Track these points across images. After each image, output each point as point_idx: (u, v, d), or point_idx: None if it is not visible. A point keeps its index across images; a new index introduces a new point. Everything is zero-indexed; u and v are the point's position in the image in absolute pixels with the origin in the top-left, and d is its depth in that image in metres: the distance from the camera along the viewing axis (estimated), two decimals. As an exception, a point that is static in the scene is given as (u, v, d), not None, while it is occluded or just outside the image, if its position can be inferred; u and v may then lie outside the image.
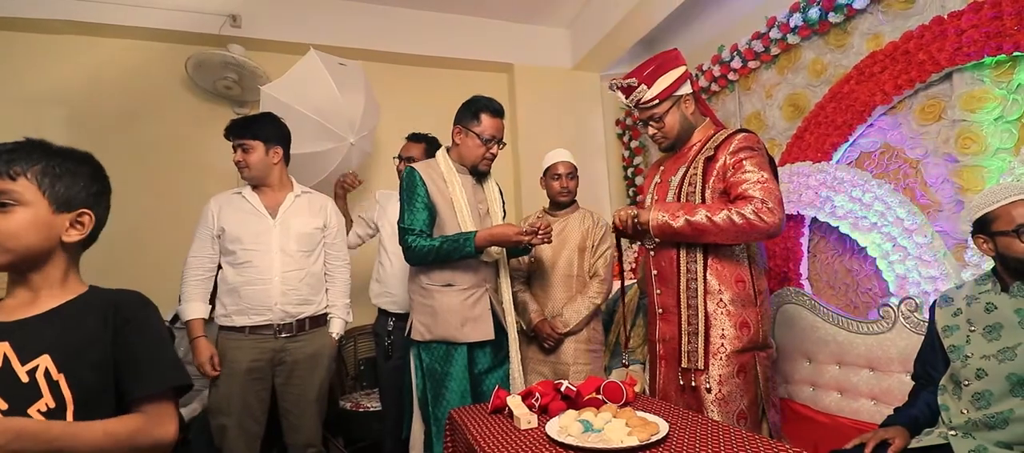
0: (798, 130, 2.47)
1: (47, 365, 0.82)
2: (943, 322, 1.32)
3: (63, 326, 0.87)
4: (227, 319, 1.85)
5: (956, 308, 1.32)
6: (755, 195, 1.43)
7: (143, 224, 2.80)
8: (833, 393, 1.94)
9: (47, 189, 0.89)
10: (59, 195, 0.91)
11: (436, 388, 1.73)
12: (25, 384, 0.80)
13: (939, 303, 1.37)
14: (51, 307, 0.89)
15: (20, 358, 0.82)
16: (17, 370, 0.81)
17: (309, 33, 3.06)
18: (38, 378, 0.81)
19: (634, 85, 1.61)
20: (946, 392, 1.23)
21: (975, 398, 1.16)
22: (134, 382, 0.88)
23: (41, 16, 2.63)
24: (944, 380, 1.24)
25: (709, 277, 1.52)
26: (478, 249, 1.73)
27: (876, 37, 2.19)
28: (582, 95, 3.82)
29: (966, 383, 1.18)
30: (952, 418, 1.17)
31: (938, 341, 1.31)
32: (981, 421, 1.14)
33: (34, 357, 0.82)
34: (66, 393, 0.82)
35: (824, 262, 2.38)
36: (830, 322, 2.00)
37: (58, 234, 0.91)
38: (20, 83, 2.67)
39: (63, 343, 0.84)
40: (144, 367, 0.89)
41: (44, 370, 0.82)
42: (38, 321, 0.87)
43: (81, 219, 0.94)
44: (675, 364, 1.56)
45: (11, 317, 0.86)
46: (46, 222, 0.89)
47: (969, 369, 1.20)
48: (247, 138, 1.91)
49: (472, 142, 1.82)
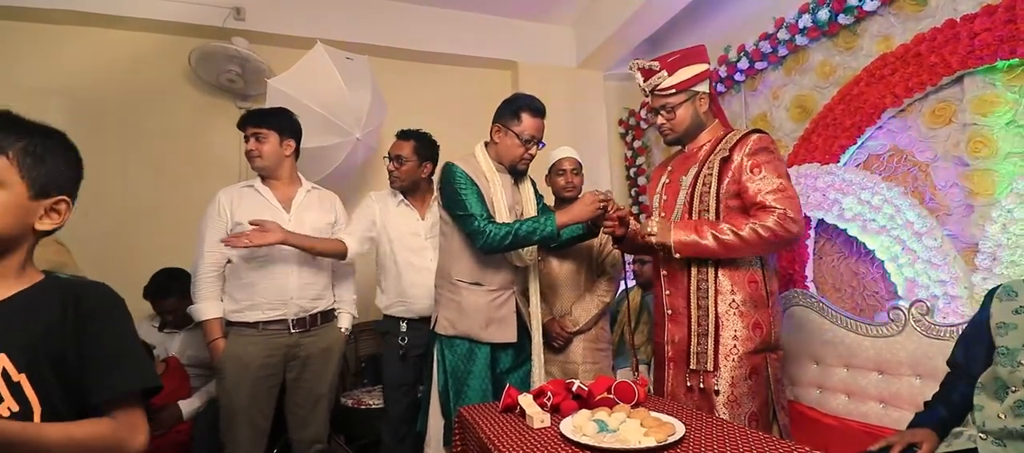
0: (805, 132, 2.47)
1: (5, 365, 0.73)
2: (1000, 317, 1.20)
3: (16, 319, 0.77)
4: (239, 315, 1.83)
5: (1018, 305, 1.19)
6: (776, 205, 1.42)
7: (144, 216, 2.78)
8: (841, 396, 1.93)
9: (27, 172, 0.80)
10: (39, 179, 0.81)
11: (457, 385, 1.72)
12: None
13: (999, 294, 1.23)
14: (2, 299, 0.79)
15: None
16: None
17: (313, 27, 3.04)
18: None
19: (656, 69, 1.59)
20: (984, 391, 1.16)
21: (1017, 405, 1.09)
22: (100, 382, 0.79)
23: (45, 6, 2.60)
24: (984, 378, 1.17)
25: (721, 278, 1.51)
26: (560, 229, 1.68)
27: (886, 39, 2.18)
28: (586, 94, 3.81)
29: (1013, 390, 1.11)
30: (986, 421, 1.12)
31: (988, 333, 1.21)
32: (1018, 431, 1.07)
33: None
34: (31, 396, 0.74)
35: (830, 264, 2.37)
36: (838, 324, 1.99)
37: (32, 222, 0.82)
38: (23, 73, 2.64)
39: (20, 340, 0.75)
40: (111, 366, 0.80)
41: (1, 370, 0.72)
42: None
43: (57, 207, 0.84)
44: (684, 365, 1.55)
45: None
46: (22, 207, 0.79)
47: (1017, 377, 1.11)
48: (263, 127, 1.89)
49: (512, 142, 1.78)
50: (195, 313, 1.85)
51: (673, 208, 1.63)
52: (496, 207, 1.75)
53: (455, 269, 1.77)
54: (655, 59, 1.62)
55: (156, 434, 2.13)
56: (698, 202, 1.55)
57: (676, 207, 1.62)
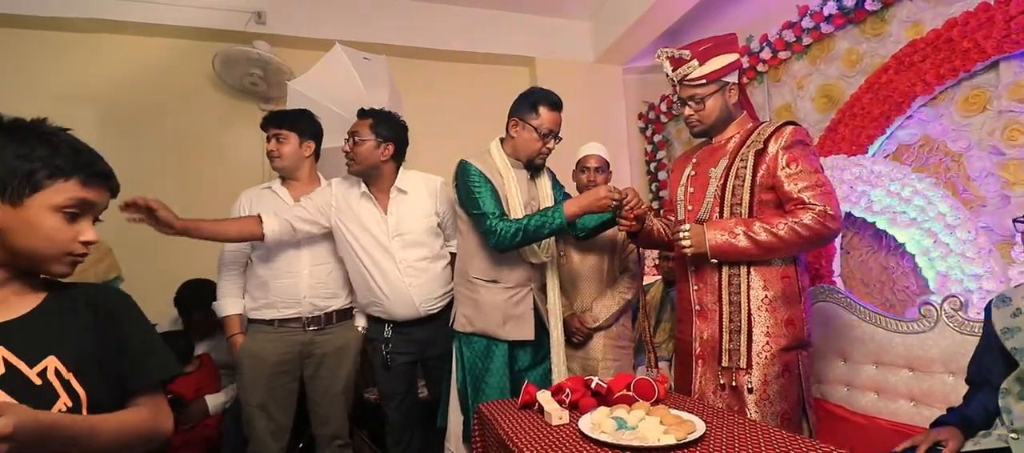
0: (832, 122, 2.40)
1: (56, 365, 0.80)
2: (1002, 324, 1.25)
3: (55, 324, 0.84)
4: (257, 312, 1.87)
5: (1015, 308, 1.25)
6: (814, 202, 1.38)
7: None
8: (869, 394, 1.88)
9: None
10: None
11: (475, 382, 1.73)
12: (39, 387, 0.78)
13: (995, 304, 1.30)
14: (35, 305, 0.84)
15: (27, 361, 0.78)
16: (28, 374, 0.78)
17: (332, 29, 3.07)
18: (50, 379, 0.79)
19: (686, 57, 1.54)
20: (1010, 395, 1.16)
21: None
22: (136, 374, 0.88)
23: (73, 14, 2.68)
24: (1007, 383, 1.18)
25: (753, 274, 1.47)
26: (569, 220, 1.65)
27: (916, 25, 2.11)
28: (604, 88, 3.77)
29: None
30: (1014, 421, 1.11)
31: (997, 343, 1.25)
32: None
33: (40, 359, 0.79)
34: (79, 391, 0.81)
35: (858, 259, 2.31)
36: (867, 321, 1.94)
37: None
38: (53, 80, 2.73)
39: (64, 342, 0.82)
40: (142, 359, 0.89)
41: (54, 370, 0.80)
42: (30, 321, 0.82)
43: None
44: (714, 363, 1.52)
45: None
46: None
47: None
48: (284, 128, 1.92)
49: (529, 135, 1.76)
50: (217, 309, 1.90)
51: (701, 201, 1.59)
52: (511, 204, 1.74)
53: (472, 267, 1.77)
54: (685, 47, 1.56)
55: (185, 427, 2.19)
56: (731, 195, 1.50)
57: (705, 200, 1.57)
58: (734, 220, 1.47)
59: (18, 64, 2.69)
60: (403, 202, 1.92)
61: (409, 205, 1.92)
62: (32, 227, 0.80)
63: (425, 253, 1.93)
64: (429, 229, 1.94)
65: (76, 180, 0.82)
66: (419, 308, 1.91)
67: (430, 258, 1.94)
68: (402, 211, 1.91)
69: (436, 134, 3.13)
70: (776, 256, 1.45)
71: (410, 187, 1.94)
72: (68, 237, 0.83)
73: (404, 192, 1.93)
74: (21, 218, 0.79)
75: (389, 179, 1.94)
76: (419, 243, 1.92)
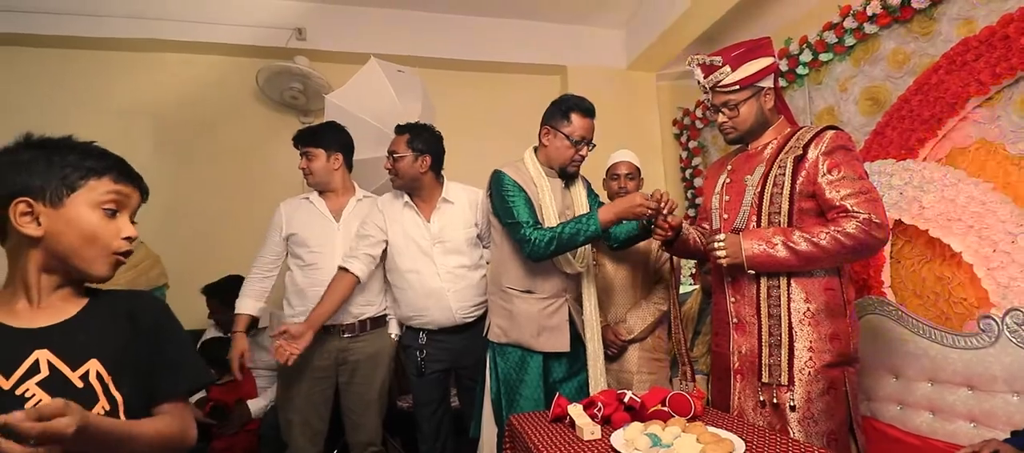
0: (878, 126, 2.30)
1: (97, 369, 0.83)
2: None
3: (96, 330, 0.86)
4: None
5: None
6: (859, 210, 1.32)
7: (218, 226, 2.98)
8: (924, 413, 1.77)
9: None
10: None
11: (510, 393, 1.72)
12: (81, 389, 0.80)
13: None
14: (79, 309, 0.87)
15: (69, 364, 0.81)
16: (70, 376, 0.80)
17: (368, 43, 3.16)
18: (92, 382, 0.82)
19: (718, 64, 1.50)
20: None
21: None
22: (165, 382, 0.90)
23: (131, 35, 2.85)
24: None
25: (793, 285, 1.41)
26: (603, 227, 1.63)
27: (968, 22, 2.00)
28: (637, 96, 3.74)
29: None
30: None
31: None
32: None
33: (83, 362, 0.82)
34: (116, 395, 0.83)
35: (909, 269, 2.19)
36: (921, 335, 1.83)
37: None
38: (113, 97, 2.92)
39: (106, 347, 0.85)
40: (176, 369, 0.91)
41: (95, 374, 0.82)
42: (73, 326, 0.85)
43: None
44: (753, 378, 1.46)
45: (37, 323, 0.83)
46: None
47: None
48: (311, 146, 1.99)
49: (561, 143, 1.75)
50: (236, 305, 1.98)
51: (737, 209, 1.54)
52: (545, 212, 1.74)
53: (506, 277, 1.77)
54: (717, 53, 1.53)
55: (229, 432, 2.26)
56: (769, 204, 1.45)
57: (741, 209, 1.52)
58: (772, 229, 1.41)
59: (82, 83, 2.89)
60: (447, 212, 1.99)
61: (452, 215, 1.99)
62: (75, 226, 0.83)
63: (464, 261, 1.97)
64: (469, 239, 1.99)
65: (109, 177, 0.86)
66: (455, 314, 1.94)
67: (469, 267, 1.98)
68: (445, 220, 1.97)
69: (470, 144, 3.16)
70: (817, 267, 1.39)
71: (456, 198, 2.00)
72: (111, 233, 0.86)
73: (450, 203, 1.99)
74: (64, 219, 0.82)
75: (430, 189, 1.99)
76: (459, 251, 1.97)
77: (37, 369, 0.79)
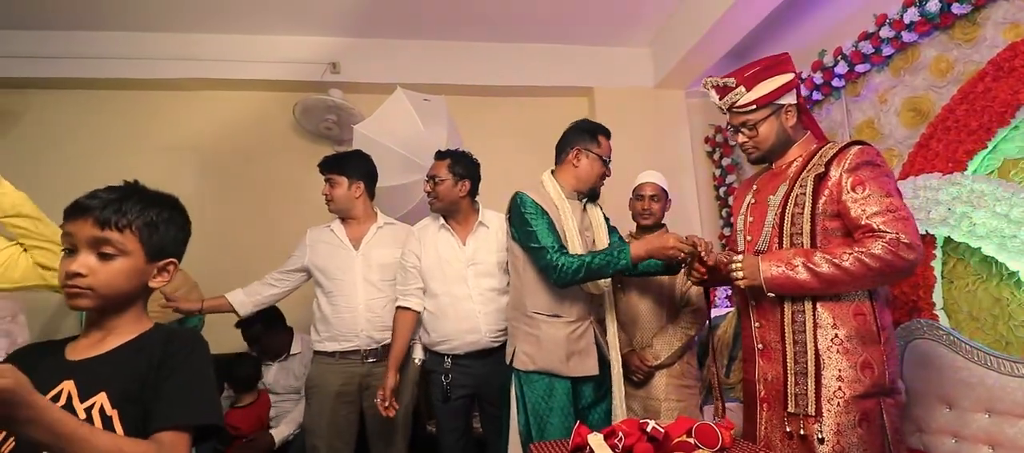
0: (922, 138, 2.18)
1: (102, 402, 0.83)
2: None
3: (120, 364, 0.88)
4: (321, 344, 1.97)
5: None
6: (886, 229, 1.25)
7: (256, 257, 3.06)
8: (982, 448, 1.63)
9: (146, 240, 0.91)
10: (155, 245, 0.93)
11: (540, 424, 1.68)
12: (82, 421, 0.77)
13: None
14: (116, 345, 0.90)
15: (81, 396, 0.83)
16: (77, 408, 0.82)
17: (399, 73, 3.24)
18: (94, 415, 0.82)
19: (731, 85, 1.48)
20: None
21: None
22: (161, 412, 0.85)
23: (175, 75, 3.04)
24: None
25: (820, 310, 1.33)
26: (634, 262, 1.64)
27: (1015, 26, 1.89)
28: (666, 114, 3.68)
29: None
30: None
31: None
32: None
33: (93, 395, 0.84)
34: (117, 428, 0.82)
35: (964, 289, 2.04)
36: (976, 361, 1.69)
37: (146, 281, 0.94)
38: (161, 134, 3.11)
39: (118, 380, 0.86)
40: (172, 400, 0.86)
41: (99, 406, 0.83)
42: (100, 360, 0.88)
43: (167, 267, 0.96)
44: (780, 408, 1.38)
45: (80, 356, 0.89)
46: (140, 270, 0.91)
47: None
48: (334, 173, 2.06)
49: (595, 163, 1.83)
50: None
51: (760, 231, 1.48)
52: (567, 235, 1.74)
53: (531, 301, 1.75)
54: (730, 74, 1.50)
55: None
56: (790, 225, 1.39)
57: (763, 230, 1.47)
58: (793, 251, 1.35)
59: (130, 121, 3.09)
60: (482, 235, 2.04)
61: (485, 239, 2.04)
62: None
63: (495, 284, 2.00)
64: (499, 263, 2.01)
65: (65, 223, 0.91)
66: (485, 336, 1.96)
67: (498, 291, 2.00)
68: (479, 243, 2.03)
69: (498, 168, 3.17)
70: (843, 290, 1.31)
71: (490, 222, 2.06)
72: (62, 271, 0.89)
73: (486, 227, 2.05)
74: None
75: (466, 213, 2.07)
76: (490, 274, 2.01)
77: (59, 398, 0.83)
